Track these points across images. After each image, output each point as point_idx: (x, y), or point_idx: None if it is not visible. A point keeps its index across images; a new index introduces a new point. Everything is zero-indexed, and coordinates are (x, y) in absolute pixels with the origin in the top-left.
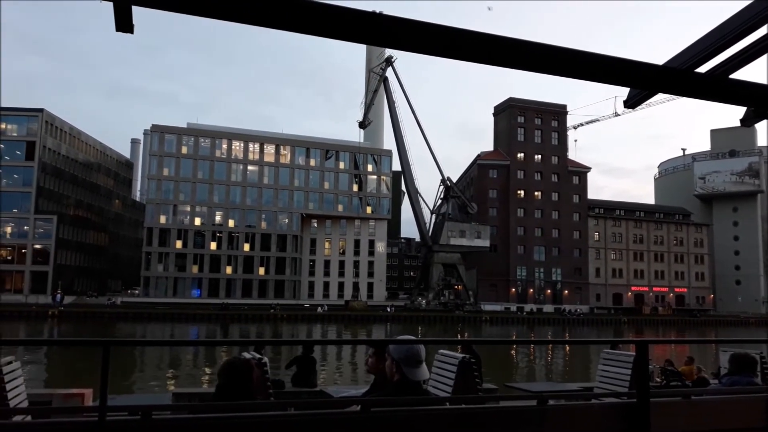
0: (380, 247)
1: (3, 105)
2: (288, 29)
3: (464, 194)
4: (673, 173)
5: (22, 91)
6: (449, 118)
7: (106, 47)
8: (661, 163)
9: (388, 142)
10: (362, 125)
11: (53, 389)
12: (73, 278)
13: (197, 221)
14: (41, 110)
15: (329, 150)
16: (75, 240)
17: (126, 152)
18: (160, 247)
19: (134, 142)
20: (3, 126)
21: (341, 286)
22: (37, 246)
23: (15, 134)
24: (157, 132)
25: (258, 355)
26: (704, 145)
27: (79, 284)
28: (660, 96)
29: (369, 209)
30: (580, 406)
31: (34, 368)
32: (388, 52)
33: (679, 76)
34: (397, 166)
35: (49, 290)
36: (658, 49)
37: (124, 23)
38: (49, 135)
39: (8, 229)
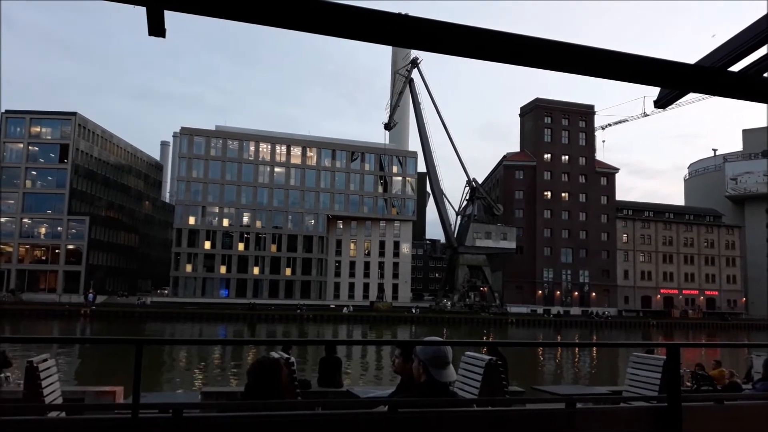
0: (405, 248)
1: (38, 109)
2: (314, 31)
3: (490, 195)
4: (703, 174)
5: (56, 94)
6: (474, 118)
7: (134, 51)
8: (691, 164)
9: (414, 144)
10: (387, 127)
11: (86, 387)
12: (105, 278)
13: (225, 222)
14: (74, 113)
15: (355, 152)
16: (106, 241)
17: (156, 154)
18: (188, 247)
19: (164, 145)
20: (38, 129)
21: (366, 287)
22: (70, 246)
23: (49, 137)
24: (186, 134)
25: (286, 355)
26: (736, 145)
27: (110, 284)
28: (690, 96)
29: (394, 210)
30: (610, 410)
31: (67, 366)
32: (414, 53)
33: (712, 76)
34: (422, 167)
35: (81, 290)
36: (689, 48)
37: (157, 28)
38: (81, 138)
39: (42, 230)
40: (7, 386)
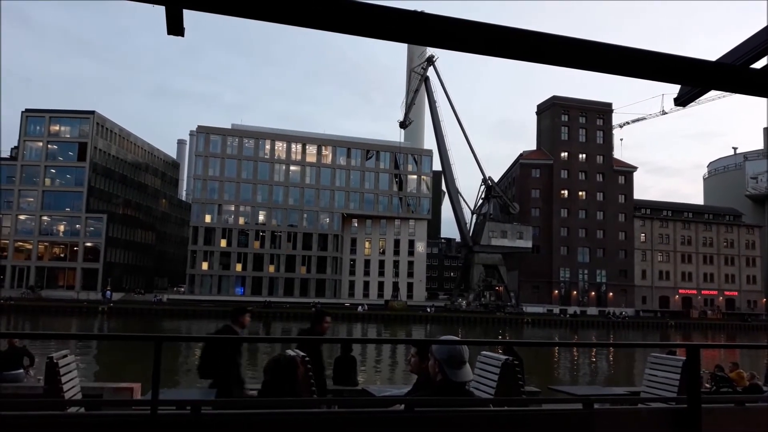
0: (420, 247)
1: (57, 108)
2: (331, 30)
3: (506, 194)
4: (723, 173)
5: (74, 93)
6: (488, 115)
7: (151, 50)
8: (710, 163)
9: (429, 142)
10: (403, 125)
11: (104, 383)
12: (122, 275)
13: (241, 220)
14: (92, 112)
15: (370, 150)
16: (124, 238)
17: (172, 153)
18: (205, 245)
19: (180, 143)
20: (57, 128)
21: (381, 285)
22: (88, 244)
23: (68, 136)
24: (203, 133)
25: (301, 353)
26: (757, 143)
27: (128, 281)
28: (710, 93)
29: (409, 209)
30: (628, 411)
31: (84, 362)
32: (430, 51)
33: (734, 73)
34: (437, 165)
35: (99, 287)
36: (710, 45)
37: (176, 27)
38: (99, 136)
39: (61, 228)
40: (28, 381)
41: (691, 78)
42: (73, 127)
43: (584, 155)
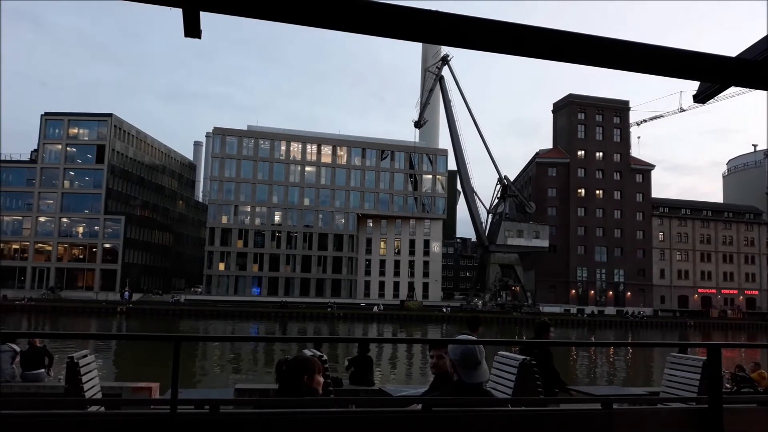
0: (435, 247)
1: (76, 111)
2: (347, 30)
3: (522, 193)
4: (743, 170)
5: (89, 95)
6: (502, 113)
7: (164, 52)
8: (730, 160)
9: (444, 141)
10: (418, 125)
11: (123, 382)
12: (140, 276)
13: (257, 221)
14: (110, 115)
15: (385, 150)
16: (141, 239)
17: (189, 154)
18: (221, 246)
19: (197, 144)
20: (76, 131)
21: (396, 285)
22: (107, 245)
23: (86, 138)
24: (219, 134)
25: (318, 353)
26: None
27: (145, 282)
28: (729, 90)
29: (424, 209)
30: (648, 411)
31: (103, 362)
32: (444, 50)
33: (754, 68)
34: (452, 165)
35: (117, 288)
36: (731, 41)
37: (193, 29)
38: (117, 139)
39: (80, 229)
40: (49, 381)
41: (711, 74)
42: (91, 130)
43: (601, 153)
